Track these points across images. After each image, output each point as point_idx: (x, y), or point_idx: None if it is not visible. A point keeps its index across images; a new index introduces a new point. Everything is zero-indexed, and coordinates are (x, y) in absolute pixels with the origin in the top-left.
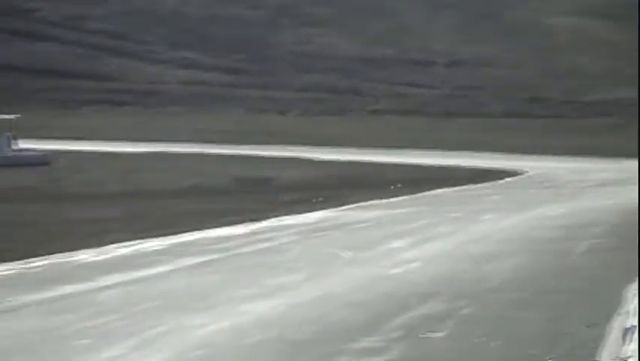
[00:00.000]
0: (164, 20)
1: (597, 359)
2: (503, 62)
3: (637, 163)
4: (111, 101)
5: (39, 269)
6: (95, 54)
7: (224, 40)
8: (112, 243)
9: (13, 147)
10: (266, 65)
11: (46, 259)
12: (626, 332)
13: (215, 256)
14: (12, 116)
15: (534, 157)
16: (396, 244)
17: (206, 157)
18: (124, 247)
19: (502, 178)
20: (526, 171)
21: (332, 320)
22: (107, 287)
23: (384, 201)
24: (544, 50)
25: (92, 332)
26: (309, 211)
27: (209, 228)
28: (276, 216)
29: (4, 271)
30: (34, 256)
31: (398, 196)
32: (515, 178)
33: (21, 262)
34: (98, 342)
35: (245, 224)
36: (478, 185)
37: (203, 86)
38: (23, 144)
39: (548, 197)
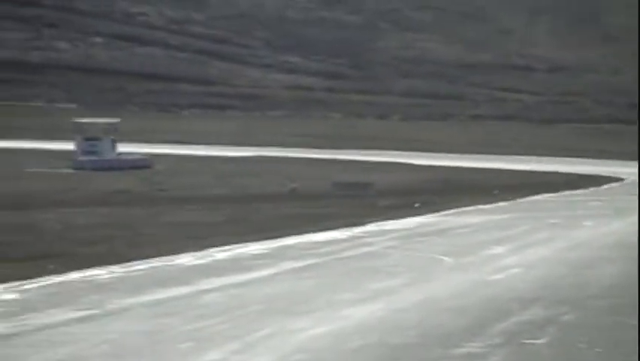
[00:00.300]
0: (266, 24)
1: None
2: (604, 67)
3: None
4: (213, 105)
5: (141, 272)
6: (197, 58)
7: (325, 45)
8: (213, 246)
9: (115, 150)
10: (366, 69)
11: (147, 263)
12: None
13: (315, 261)
14: (115, 120)
15: (635, 163)
16: (497, 249)
17: (307, 161)
18: (225, 250)
19: (602, 184)
20: (627, 178)
21: (433, 325)
22: (209, 291)
23: (483, 206)
24: None
25: (195, 335)
26: (408, 216)
27: (309, 232)
28: (376, 220)
29: (106, 274)
30: (136, 259)
31: (498, 202)
32: (615, 184)
33: (123, 265)
34: (200, 345)
35: (345, 229)
36: (578, 191)
37: (304, 91)
38: (125, 148)
39: None
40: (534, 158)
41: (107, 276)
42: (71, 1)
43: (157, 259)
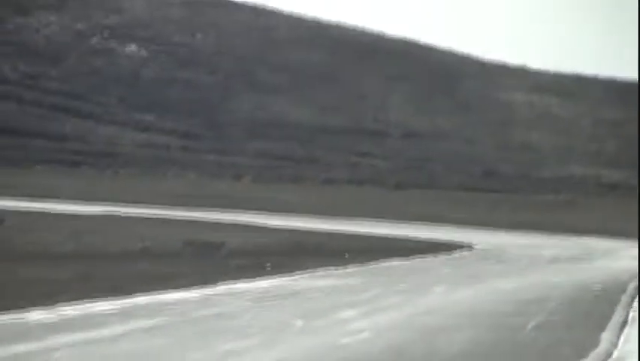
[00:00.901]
0: (121, 82)
1: None
2: (457, 135)
3: (588, 240)
4: (66, 161)
5: None
6: (51, 114)
7: (179, 104)
8: (63, 303)
9: None
10: (221, 130)
11: None
12: None
13: (166, 320)
14: None
15: (486, 231)
16: (348, 313)
17: (159, 220)
18: (75, 307)
19: (453, 251)
20: (478, 245)
21: None
22: (59, 347)
23: (335, 270)
24: (499, 125)
25: None
26: (261, 277)
27: (160, 291)
28: (228, 281)
29: None
30: None
31: (350, 266)
32: (467, 252)
33: None
34: None
35: (196, 288)
36: (429, 257)
37: (158, 149)
38: None
39: (499, 271)
40: (386, 223)
41: None
42: None
43: (6, 314)
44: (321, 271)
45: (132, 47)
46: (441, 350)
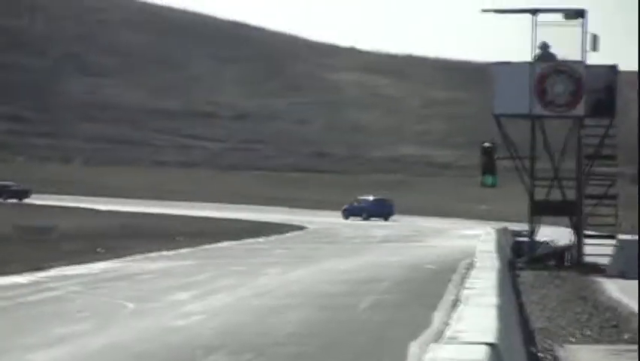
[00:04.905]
0: None
1: None
2: (289, 116)
3: (419, 220)
4: None
5: None
6: None
7: (7, 88)
8: None
9: None
10: (50, 113)
11: None
12: None
13: None
14: None
15: (318, 212)
16: (181, 296)
17: None
18: None
19: (285, 232)
20: (310, 226)
21: None
22: None
23: (167, 252)
24: (329, 105)
25: None
26: (92, 261)
27: None
28: (59, 265)
29: None
30: None
31: (181, 248)
32: (298, 233)
33: None
34: None
35: (27, 273)
36: (261, 238)
37: None
38: None
39: (332, 252)
40: (217, 205)
41: None
42: None
43: None
44: (153, 254)
45: None
46: (274, 331)
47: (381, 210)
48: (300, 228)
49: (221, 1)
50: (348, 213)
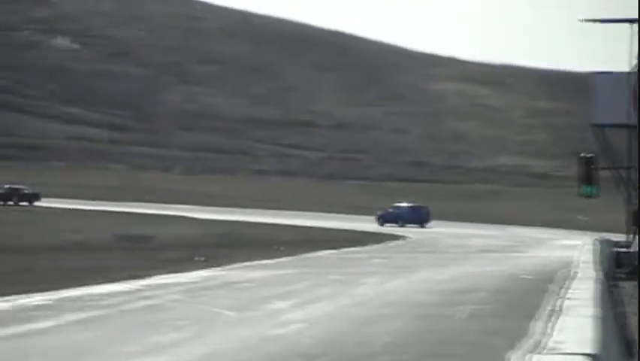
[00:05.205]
0: (51, 75)
1: None
2: (387, 125)
3: (518, 230)
4: None
5: None
6: None
7: (109, 96)
8: None
9: None
10: (150, 122)
11: None
12: None
13: (98, 313)
14: None
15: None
16: (280, 305)
17: (89, 213)
18: (5, 300)
19: (384, 242)
20: (408, 236)
21: None
22: None
23: (266, 261)
24: (428, 114)
25: None
26: (191, 270)
27: (91, 284)
28: (159, 274)
29: None
30: None
31: (281, 257)
32: (397, 242)
33: None
34: None
35: (128, 281)
36: (360, 248)
37: (88, 142)
38: None
39: (430, 261)
40: (315, 214)
41: None
42: None
43: None
44: (252, 263)
45: (62, 40)
46: (372, 340)
47: (417, 217)
48: (399, 237)
49: (319, 10)
50: (383, 220)
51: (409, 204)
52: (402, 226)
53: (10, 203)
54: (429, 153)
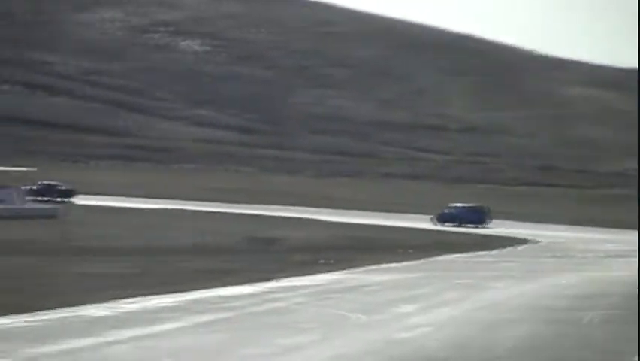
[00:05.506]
0: (180, 78)
1: None
2: (516, 129)
3: None
4: (125, 157)
5: (47, 323)
6: (110, 109)
7: (238, 99)
8: (120, 298)
9: (24, 199)
10: (278, 125)
11: (54, 313)
12: None
13: (225, 315)
14: (25, 169)
15: (545, 225)
16: (407, 308)
17: (218, 215)
18: (132, 302)
19: (512, 246)
20: (537, 240)
21: None
22: (115, 342)
23: (393, 265)
24: (558, 119)
25: None
26: (318, 272)
27: (217, 286)
28: (286, 276)
29: (12, 323)
30: (43, 310)
31: (408, 260)
32: (526, 246)
33: (29, 314)
34: None
35: (254, 283)
36: (487, 252)
37: (216, 144)
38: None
39: (559, 266)
40: None
41: (13, 325)
42: None
43: (64, 309)
44: (380, 266)
45: (191, 43)
46: (499, 345)
47: (475, 217)
48: (527, 241)
49: (449, 13)
50: (440, 220)
51: (468, 205)
52: (460, 226)
53: (45, 199)
54: (558, 157)
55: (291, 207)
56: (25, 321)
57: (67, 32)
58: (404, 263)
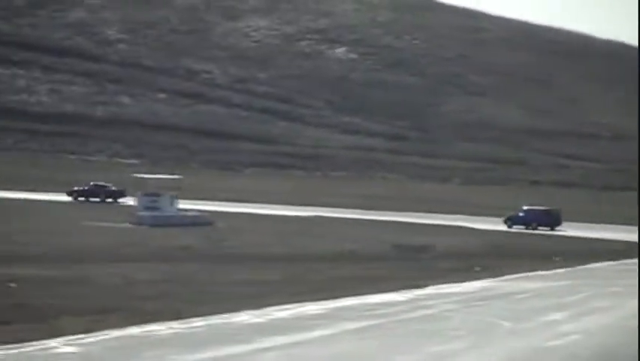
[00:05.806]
0: (329, 85)
1: None
2: None
3: None
4: (275, 164)
5: (199, 329)
6: (260, 117)
7: (387, 106)
8: (271, 305)
9: (176, 206)
10: (428, 132)
11: (205, 320)
12: None
13: (375, 322)
14: (176, 176)
15: None
16: (556, 316)
17: (366, 223)
18: (283, 309)
19: None
20: None
21: None
22: (268, 349)
23: (543, 272)
24: None
25: None
26: (468, 280)
27: (367, 293)
28: (435, 284)
29: (165, 330)
30: (195, 316)
31: (557, 268)
32: None
33: (182, 321)
34: None
35: (404, 291)
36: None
37: (366, 152)
38: (186, 204)
39: None
40: (593, 225)
41: (165, 332)
42: (137, 58)
43: (216, 316)
44: (529, 274)
45: (340, 50)
46: None
47: (549, 220)
48: None
49: (604, 21)
50: (511, 223)
51: (541, 208)
52: (534, 229)
53: (97, 200)
54: None
55: (440, 215)
56: (177, 328)
57: (217, 40)
58: (553, 271)
